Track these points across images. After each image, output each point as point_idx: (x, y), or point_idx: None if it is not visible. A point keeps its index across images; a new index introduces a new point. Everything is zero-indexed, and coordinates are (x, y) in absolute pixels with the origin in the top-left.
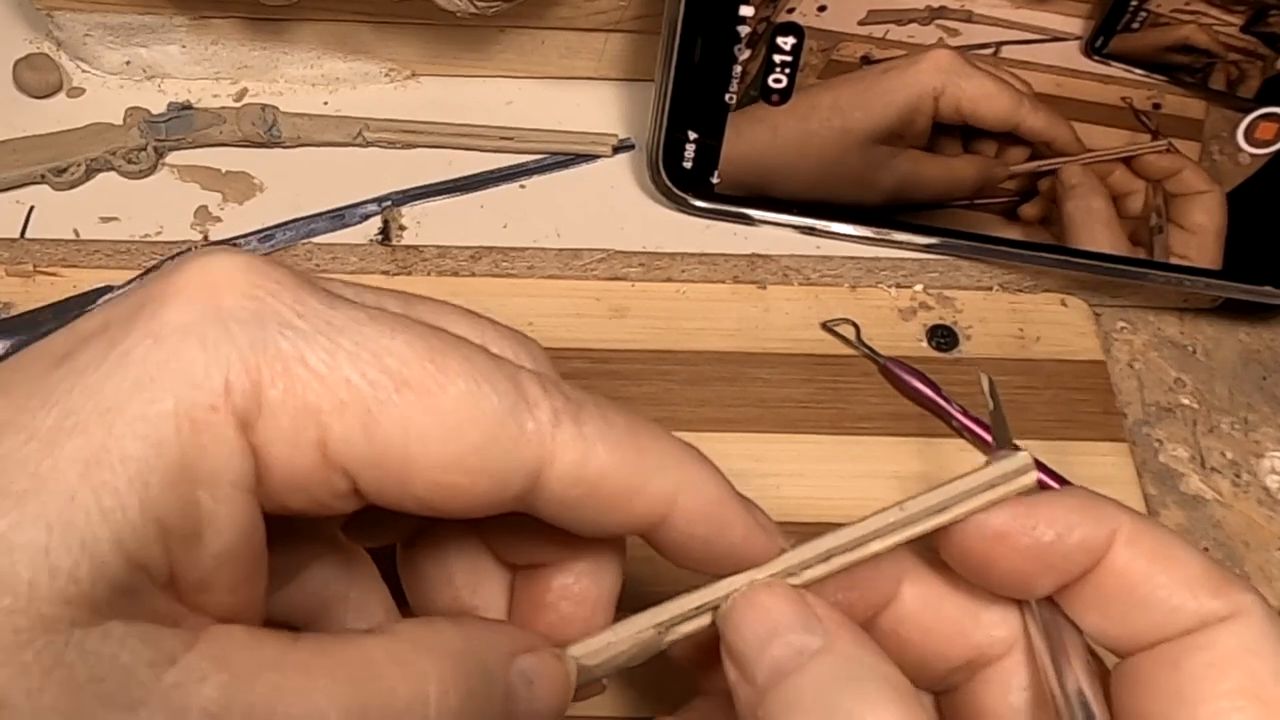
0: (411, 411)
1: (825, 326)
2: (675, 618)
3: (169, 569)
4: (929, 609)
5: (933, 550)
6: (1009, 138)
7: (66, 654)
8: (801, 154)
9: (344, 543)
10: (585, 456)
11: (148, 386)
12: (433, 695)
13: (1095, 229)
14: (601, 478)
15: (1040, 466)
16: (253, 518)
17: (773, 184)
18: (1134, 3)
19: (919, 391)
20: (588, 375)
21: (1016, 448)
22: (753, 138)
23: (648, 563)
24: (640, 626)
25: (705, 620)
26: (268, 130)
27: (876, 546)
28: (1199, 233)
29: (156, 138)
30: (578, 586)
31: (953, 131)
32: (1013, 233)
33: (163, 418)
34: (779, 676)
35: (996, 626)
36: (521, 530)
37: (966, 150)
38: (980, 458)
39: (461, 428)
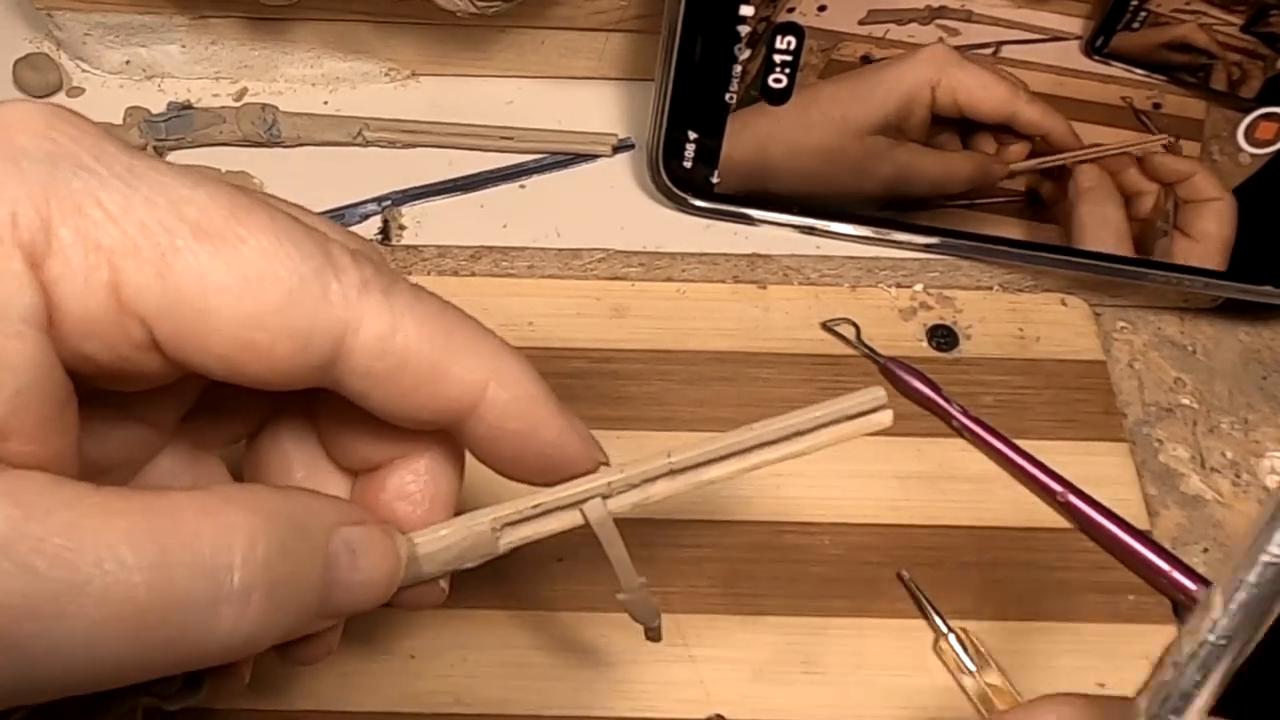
0: (209, 262)
1: (825, 326)
2: (510, 515)
3: None
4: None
5: None
6: (1008, 133)
7: None
8: (800, 144)
9: (190, 442)
10: (392, 329)
11: None
12: (239, 545)
13: (1104, 236)
14: (408, 353)
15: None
16: (47, 359)
17: (771, 175)
18: (1134, 2)
19: (919, 391)
20: (588, 375)
21: None
22: (752, 132)
23: (647, 563)
24: (475, 521)
25: (541, 527)
26: (268, 130)
27: (717, 471)
28: (1204, 240)
29: (156, 137)
30: (414, 486)
31: (952, 127)
32: (1013, 232)
33: None
34: None
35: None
36: (357, 431)
37: (966, 147)
38: (980, 457)
39: (261, 283)
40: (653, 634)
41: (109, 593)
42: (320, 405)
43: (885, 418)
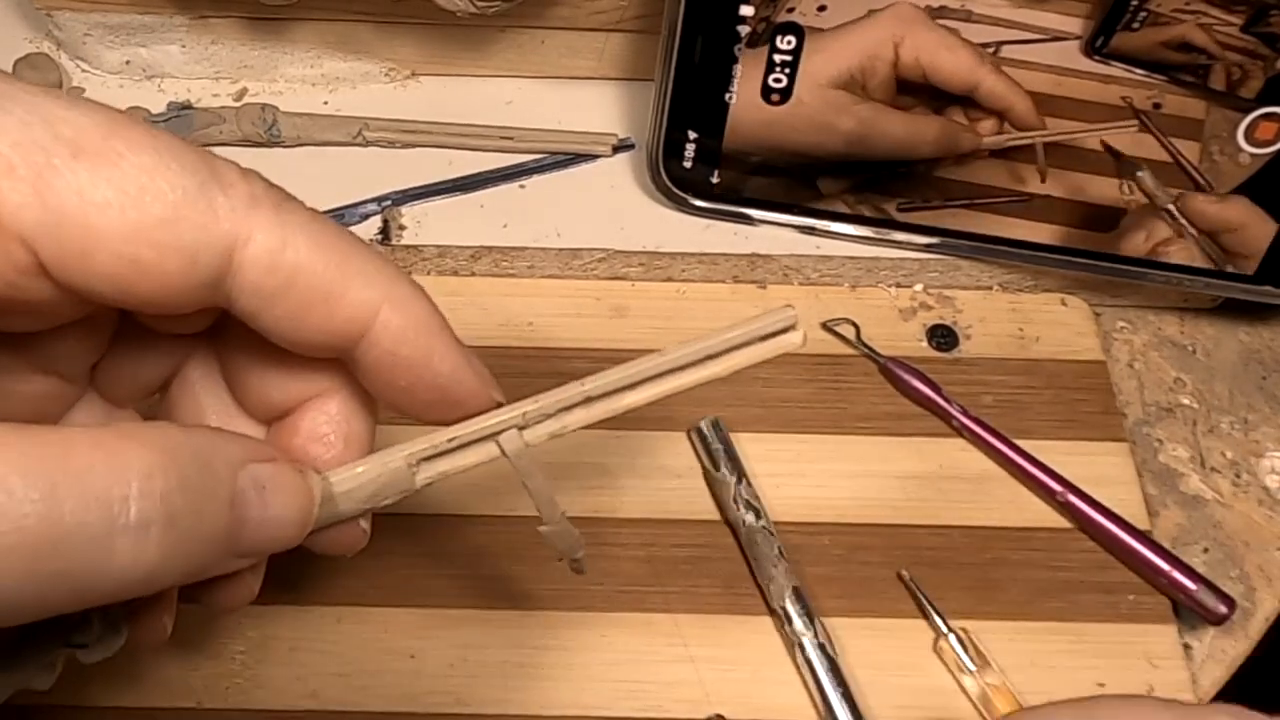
0: (88, 179)
1: (825, 326)
2: (425, 450)
3: None
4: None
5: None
6: (976, 108)
7: None
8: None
9: (103, 395)
10: (282, 243)
11: None
12: (135, 478)
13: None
14: (298, 269)
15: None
16: None
17: (731, 127)
18: (1134, 2)
19: (919, 391)
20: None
21: None
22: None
23: (647, 563)
24: (390, 457)
25: (458, 461)
26: (268, 130)
27: (633, 398)
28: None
29: None
30: (327, 427)
31: (921, 97)
32: (1013, 232)
33: None
34: None
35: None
36: (264, 371)
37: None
38: (980, 457)
39: (143, 197)
40: (576, 566)
41: None
42: (228, 350)
43: (796, 338)
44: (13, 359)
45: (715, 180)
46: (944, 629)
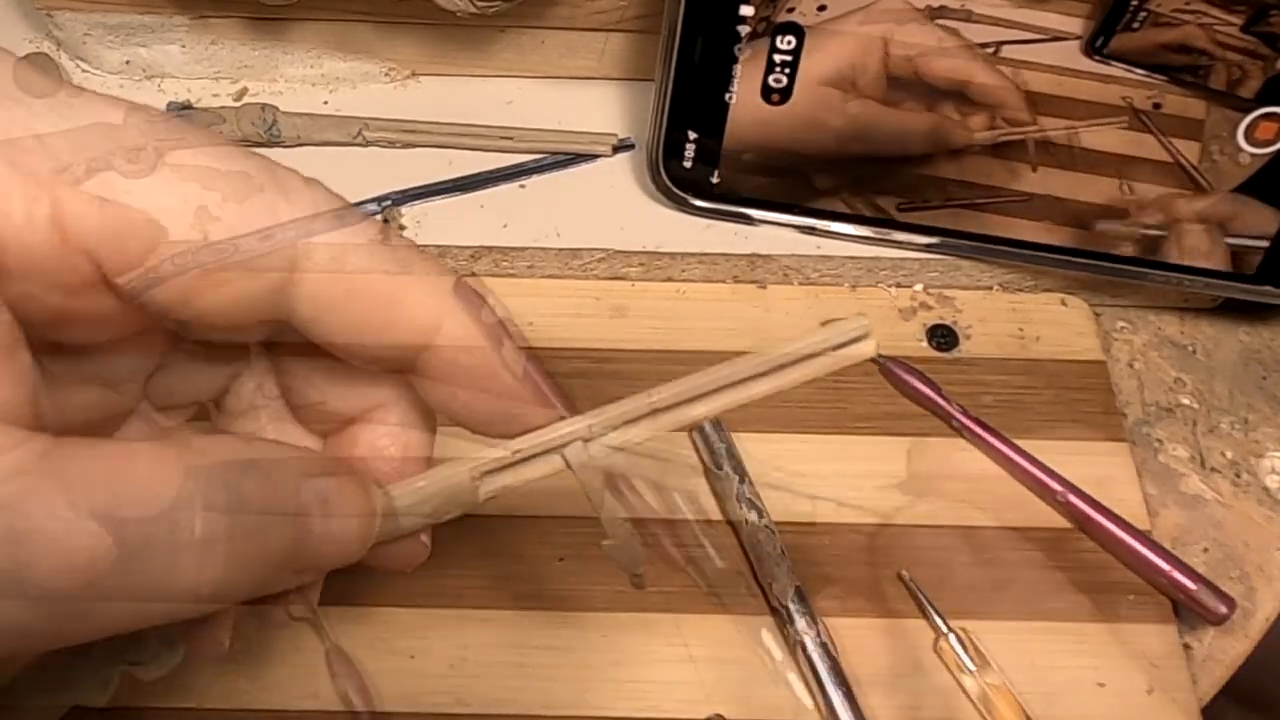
0: (149, 187)
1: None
2: (490, 464)
3: None
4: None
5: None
6: (969, 104)
7: None
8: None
9: (157, 408)
10: (344, 252)
11: None
12: (200, 493)
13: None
14: (360, 278)
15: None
16: None
17: (733, 132)
18: (1134, 2)
19: (919, 391)
20: (588, 375)
21: None
22: None
23: (647, 562)
24: (453, 471)
25: (522, 474)
26: (268, 130)
27: (702, 409)
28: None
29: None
30: (386, 440)
31: (913, 93)
32: (1013, 232)
33: None
34: None
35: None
36: (322, 383)
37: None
38: (980, 457)
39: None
40: (637, 581)
41: (62, 542)
42: (284, 361)
43: (868, 348)
44: (69, 370)
45: (715, 180)
46: (944, 629)
